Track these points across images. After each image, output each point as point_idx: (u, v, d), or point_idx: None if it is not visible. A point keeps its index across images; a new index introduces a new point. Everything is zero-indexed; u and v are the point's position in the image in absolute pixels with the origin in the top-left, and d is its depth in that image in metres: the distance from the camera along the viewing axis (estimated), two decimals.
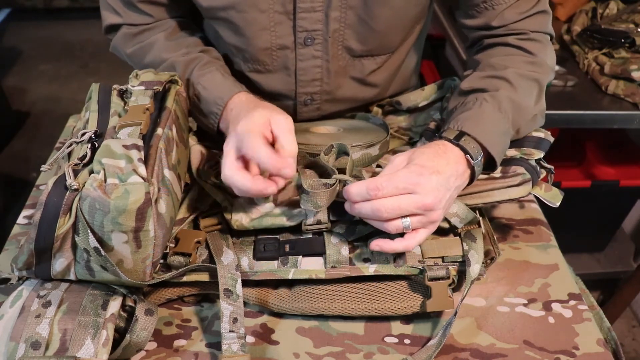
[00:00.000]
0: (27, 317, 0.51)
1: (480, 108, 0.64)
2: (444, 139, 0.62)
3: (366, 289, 0.61)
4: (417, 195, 0.55)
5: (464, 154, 0.60)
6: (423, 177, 0.55)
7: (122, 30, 0.76)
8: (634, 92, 1.14)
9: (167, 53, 0.72)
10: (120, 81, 0.65)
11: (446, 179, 0.57)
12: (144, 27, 0.75)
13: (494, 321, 0.63)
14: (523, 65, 0.69)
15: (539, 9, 0.71)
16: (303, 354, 0.58)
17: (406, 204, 0.55)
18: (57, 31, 3.09)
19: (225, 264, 0.59)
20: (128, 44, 0.76)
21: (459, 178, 0.59)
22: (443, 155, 0.59)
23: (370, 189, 0.55)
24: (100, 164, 0.50)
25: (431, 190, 0.55)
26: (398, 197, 0.55)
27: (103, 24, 0.77)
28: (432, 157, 0.58)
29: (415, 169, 0.56)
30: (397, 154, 0.60)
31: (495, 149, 0.62)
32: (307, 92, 0.78)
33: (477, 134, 0.61)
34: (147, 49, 0.74)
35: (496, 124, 0.63)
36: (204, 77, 0.69)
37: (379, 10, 0.69)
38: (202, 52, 0.74)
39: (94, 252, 0.50)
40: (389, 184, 0.55)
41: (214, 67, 0.71)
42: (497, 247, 0.63)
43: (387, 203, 0.55)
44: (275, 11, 0.69)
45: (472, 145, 0.60)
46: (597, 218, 1.51)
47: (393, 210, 0.55)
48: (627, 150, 1.47)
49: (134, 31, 0.75)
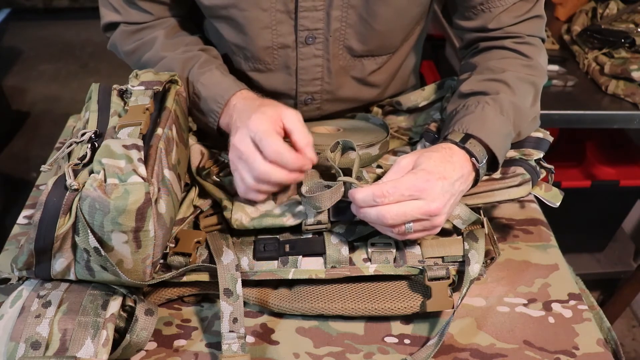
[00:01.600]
0: (27, 317, 0.51)
1: (483, 111, 0.64)
2: (450, 142, 0.61)
3: (366, 289, 0.61)
4: (422, 201, 0.55)
5: (470, 157, 0.60)
6: (429, 183, 0.55)
7: (121, 27, 0.75)
8: (634, 92, 1.14)
9: (166, 51, 0.72)
10: (120, 81, 0.65)
11: (451, 184, 0.57)
12: (142, 25, 0.75)
13: (494, 321, 0.63)
14: (520, 69, 0.69)
15: (534, 14, 0.71)
16: (303, 354, 0.58)
17: (411, 210, 0.55)
18: (57, 31, 3.09)
19: (225, 264, 0.59)
20: (127, 41, 0.75)
21: (464, 182, 0.60)
22: (449, 159, 0.58)
23: (377, 196, 0.55)
24: (100, 164, 0.50)
25: (437, 197, 0.55)
26: (403, 203, 0.55)
27: (102, 22, 0.77)
28: (439, 162, 0.57)
29: (422, 175, 0.55)
30: (403, 156, 0.60)
31: (499, 150, 0.62)
32: (307, 92, 0.78)
33: (483, 136, 0.61)
34: (146, 47, 0.74)
35: (499, 126, 0.63)
36: (204, 75, 0.69)
37: (380, 10, 0.69)
38: (201, 51, 0.74)
39: (94, 252, 0.50)
40: (395, 190, 0.55)
41: (213, 66, 0.71)
42: (497, 247, 0.63)
43: (392, 210, 0.55)
44: (276, 10, 0.69)
45: (478, 149, 0.61)
46: (597, 218, 1.51)
47: (398, 216, 0.55)
48: (627, 150, 1.47)
49: (133, 29, 0.75)
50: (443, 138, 0.64)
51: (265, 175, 0.57)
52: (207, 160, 0.71)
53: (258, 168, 0.57)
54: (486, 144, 0.61)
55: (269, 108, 0.60)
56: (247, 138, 0.58)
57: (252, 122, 0.58)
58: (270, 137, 0.57)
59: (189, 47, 0.73)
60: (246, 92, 0.68)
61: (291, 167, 0.57)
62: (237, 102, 0.66)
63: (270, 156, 0.57)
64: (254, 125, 0.58)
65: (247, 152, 0.58)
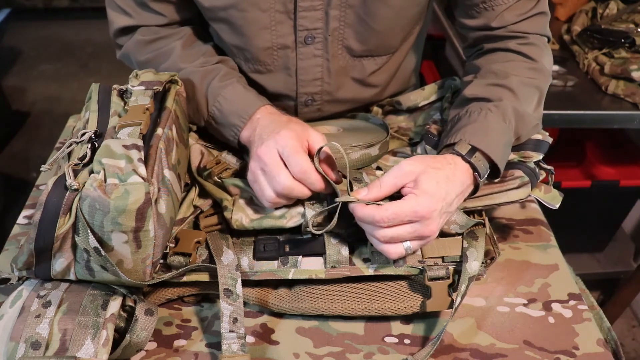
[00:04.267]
0: (27, 317, 0.51)
1: (485, 119, 0.64)
2: (456, 154, 0.61)
3: (366, 289, 0.61)
4: (418, 224, 0.55)
5: (473, 172, 0.60)
6: (430, 209, 0.55)
7: (136, 36, 0.74)
8: (634, 92, 1.14)
9: (184, 62, 0.72)
10: (120, 81, 0.65)
11: (450, 203, 0.57)
12: (158, 35, 0.74)
13: (494, 321, 0.63)
14: (525, 72, 0.69)
15: (538, 11, 0.71)
16: (303, 354, 0.58)
17: (405, 234, 0.56)
18: (57, 31, 3.09)
19: (225, 264, 0.59)
20: (142, 51, 0.74)
21: (462, 197, 0.60)
22: (452, 177, 0.58)
23: (376, 221, 0.55)
24: (100, 164, 0.50)
25: (433, 220, 0.55)
26: (399, 227, 0.55)
27: (112, 27, 0.75)
28: (442, 183, 0.57)
29: (423, 201, 0.55)
30: (407, 161, 0.58)
31: (500, 161, 0.62)
32: (307, 92, 0.78)
33: (486, 148, 0.61)
34: (163, 57, 0.73)
35: (501, 135, 0.63)
36: (225, 88, 0.69)
37: (378, 10, 0.69)
38: (220, 62, 0.74)
39: (94, 252, 0.50)
40: (395, 217, 0.55)
41: (234, 79, 0.71)
42: (497, 247, 0.63)
43: (387, 234, 0.56)
44: (276, 10, 0.69)
45: (482, 164, 0.61)
46: (597, 218, 1.51)
47: (392, 239, 0.56)
48: (627, 150, 1.47)
49: (149, 38, 0.74)
50: (447, 145, 0.64)
51: (287, 190, 0.58)
52: (207, 160, 0.71)
53: (283, 183, 0.58)
54: (489, 156, 0.61)
55: (298, 126, 0.61)
56: (274, 151, 0.58)
57: (282, 136, 0.58)
58: (299, 155, 0.57)
59: (207, 59, 0.73)
60: (270, 107, 0.69)
61: (315, 188, 0.58)
62: (261, 117, 0.67)
63: (297, 174, 0.58)
64: (284, 140, 0.58)
65: (272, 165, 0.58)
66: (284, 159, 0.58)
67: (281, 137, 0.58)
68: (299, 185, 0.58)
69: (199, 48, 0.75)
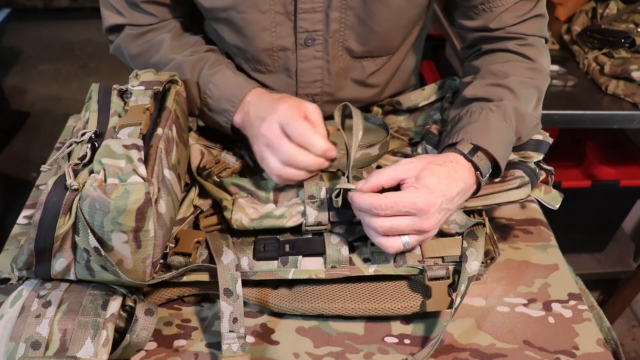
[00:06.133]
0: (27, 317, 0.51)
1: (486, 119, 0.64)
2: (458, 153, 0.61)
3: (366, 289, 0.61)
4: (416, 218, 0.55)
5: (475, 171, 0.60)
6: (429, 202, 0.55)
7: (126, 30, 0.75)
8: (634, 92, 1.14)
9: (174, 53, 0.73)
10: (120, 81, 0.65)
11: (450, 201, 0.57)
12: (148, 27, 0.75)
13: (494, 321, 0.63)
14: (524, 72, 0.69)
15: (536, 13, 0.71)
16: (303, 354, 0.58)
17: (404, 226, 0.55)
18: (57, 31, 3.09)
19: (225, 264, 0.59)
20: (133, 44, 0.75)
21: (464, 196, 0.60)
22: (454, 175, 0.58)
23: (374, 207, 0.55)
24: (100, 164, 0.50)
25: (432, 215, 0.55)
26: (397, 217, 0.55)
27: (104, 24, 0.77)
28: (443, 179, 0.57)
29: (423, 194, 0.55)
30: (410, 160, 0.59)
31: (502, 160, 0.62)
32: (308, 94, 0.78)
33: (488, 146, 0.61)
34: (153, 50, 0.74)
35: (502, 135, 0.63)
36: (215, 75, 0.70)
37: (378, 11, 0.69)
38: (209, 51, 0.74)
39: (94, 252, 0.50)
40: (394, 205, 0.54)
41: (223, 65, 0.72)
42: (497, 247, 0.63)
43: (385, 223, 0.55)
44: (275, 12, 0.69)
45: (484, 163, 0.61)
46: (597, 218, 1.51)
47: (390, 230, 0.56)
48: (627, 150, 1.47)
49: (139, 31, 0.75)
50: (448, 145, 0.64)
51: (291, 159, 0.59)
52: (207, 160, 0.71)
53: (286, 151, 0.59)
54: (491, 155, 0.61)
55: (292, 99, 0.63)
56: (275, 125, 0.60)
57: (280, 109, 0.61)
58: (296, 120, 0.59)
59: (196, 48, 0.74)
60: (260, 88, 0.70)
61: (317, 149, 0.59)
62: (252, 99, 0.67)
63: (297, 138, 0.59)
64: (282, 111, 0.60)
65: (274, 137, 0.60)
66: (284, 129, 0.60)
67: (279, 110, 0.61)
68: (302, 152, 0.59)
69: (188, 39, 0.75)
